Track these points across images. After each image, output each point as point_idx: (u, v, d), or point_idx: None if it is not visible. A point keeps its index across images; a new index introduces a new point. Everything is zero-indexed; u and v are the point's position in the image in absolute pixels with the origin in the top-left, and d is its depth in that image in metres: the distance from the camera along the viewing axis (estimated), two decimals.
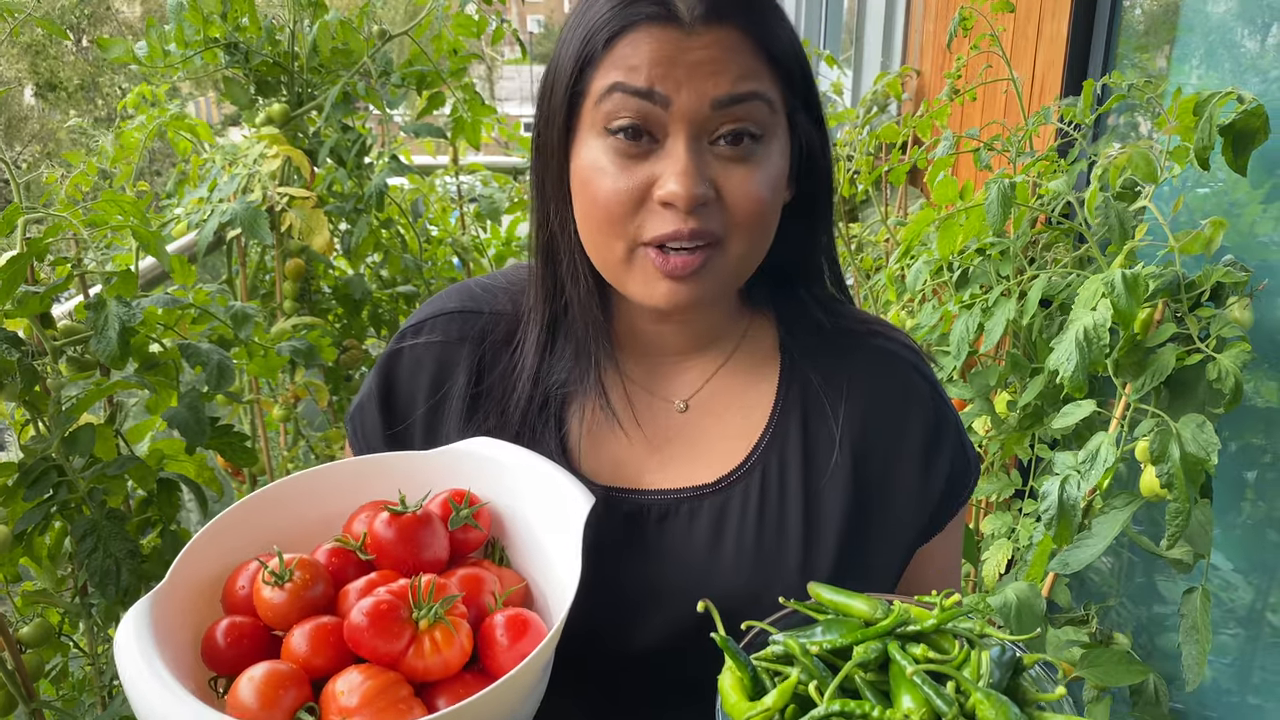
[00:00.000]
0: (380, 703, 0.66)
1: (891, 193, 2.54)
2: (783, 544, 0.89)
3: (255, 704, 0.66)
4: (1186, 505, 1.21)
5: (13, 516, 1.27)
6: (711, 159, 0.79)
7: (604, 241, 0.82)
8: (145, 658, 0.65)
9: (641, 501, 0.91)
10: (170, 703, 0.62)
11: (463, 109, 2.24)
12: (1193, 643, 1.33)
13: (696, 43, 0.77)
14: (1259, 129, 1.24)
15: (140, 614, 0.69)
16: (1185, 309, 1.32)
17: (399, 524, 0.78)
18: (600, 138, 0.80)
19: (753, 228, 0.82)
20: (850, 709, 0.66)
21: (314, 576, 0.74)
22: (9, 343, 1.20)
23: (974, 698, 0.67)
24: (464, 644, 0.72)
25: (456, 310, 0.97)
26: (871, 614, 0.74)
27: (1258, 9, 1.54)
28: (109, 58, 1.87)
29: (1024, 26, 2.05)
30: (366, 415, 0.97)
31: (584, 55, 0.80)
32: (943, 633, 0.72)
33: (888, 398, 0.94)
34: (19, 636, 1.30)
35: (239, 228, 1.56)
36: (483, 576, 0.79)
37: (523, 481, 0.85)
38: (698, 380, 0.95)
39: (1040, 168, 1.57)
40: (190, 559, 0.76)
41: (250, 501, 0.82)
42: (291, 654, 0.71)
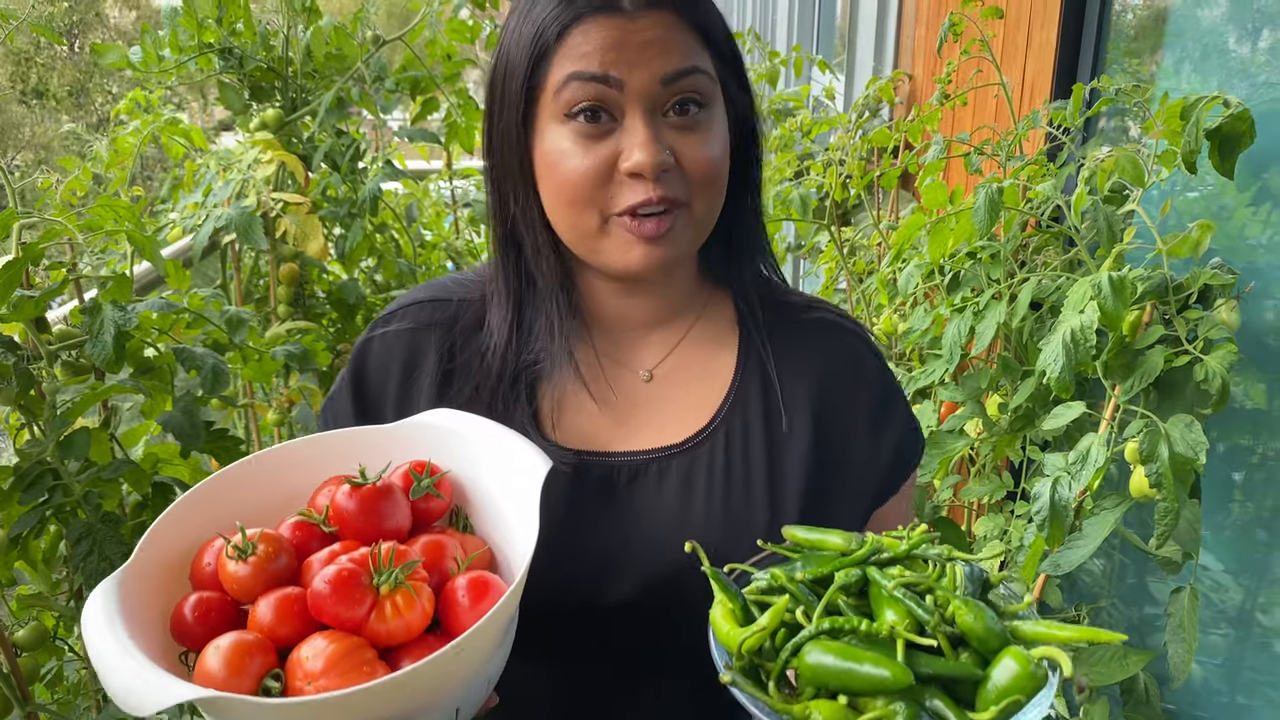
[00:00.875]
0: (344, 665, 0.68)
1: (883, 197, 2.56)
2: (749, 502, 0.94)
3: (222, 672, 0.68)
4: (1175, 504, 1.22)
5: (8, 520, 1.27)
6: (666, 129, 0.86)
7: (576, 217, 0.88)
8: (113, 632, 0.66)
9: (612, 463, 0.96)
10: (137, 673, 0.63)
11: (456, 114, 2.25)
12: (1179, 641, 1.34)
13: (640, 25, 0.84)
14: (1245, 133, 1.25)
15: (107, 591, 0.70)
16: (1173, 311, 1.33)
17: (360, 495, 0.80)
18: (561, 124, 0.86)
19: (709, 186, 0.89)
20: (839, 623, 0.70)
21: (277, 549, 0.76)
22: (5, 347, 1.20)
23: (953, 605, 0.71)
24: (425, 607, 0.74)
25: (426, 299, 1.02)
26: (847, 546, 0.79)
27: (1244, 15, 1.55)
28: (104, 64, 1.88)
29: (1013, 33, 2.07)
30: (338, 405, 1.01)
31: (536, 50, 0.86)
32: (913, 558, 0.77)
33: (840, 368, 1.02)
34: (14, 640, 1.30)
35: (234, 233, 1.57)
36: (444, 543, 0.81)
37: (481, 450, 0.88)
38: (661, 351, 1.01)
39: (1030, 171, 1.59)
40: (155, 538, 0.77)
41: (214, 481, 0.84)
42: (257, 624, 0.73)
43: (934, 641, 0.70)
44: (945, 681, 0.69)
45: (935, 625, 0.70)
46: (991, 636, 0.70)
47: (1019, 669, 0.67)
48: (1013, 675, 0.67)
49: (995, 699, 0.67)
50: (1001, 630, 0.71)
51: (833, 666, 0.68)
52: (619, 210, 0.86)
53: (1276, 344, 1.41)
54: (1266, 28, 1.50)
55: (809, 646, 0.69)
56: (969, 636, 0.71)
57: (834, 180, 2.17)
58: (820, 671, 0.68)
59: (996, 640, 0.70)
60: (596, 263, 0.92)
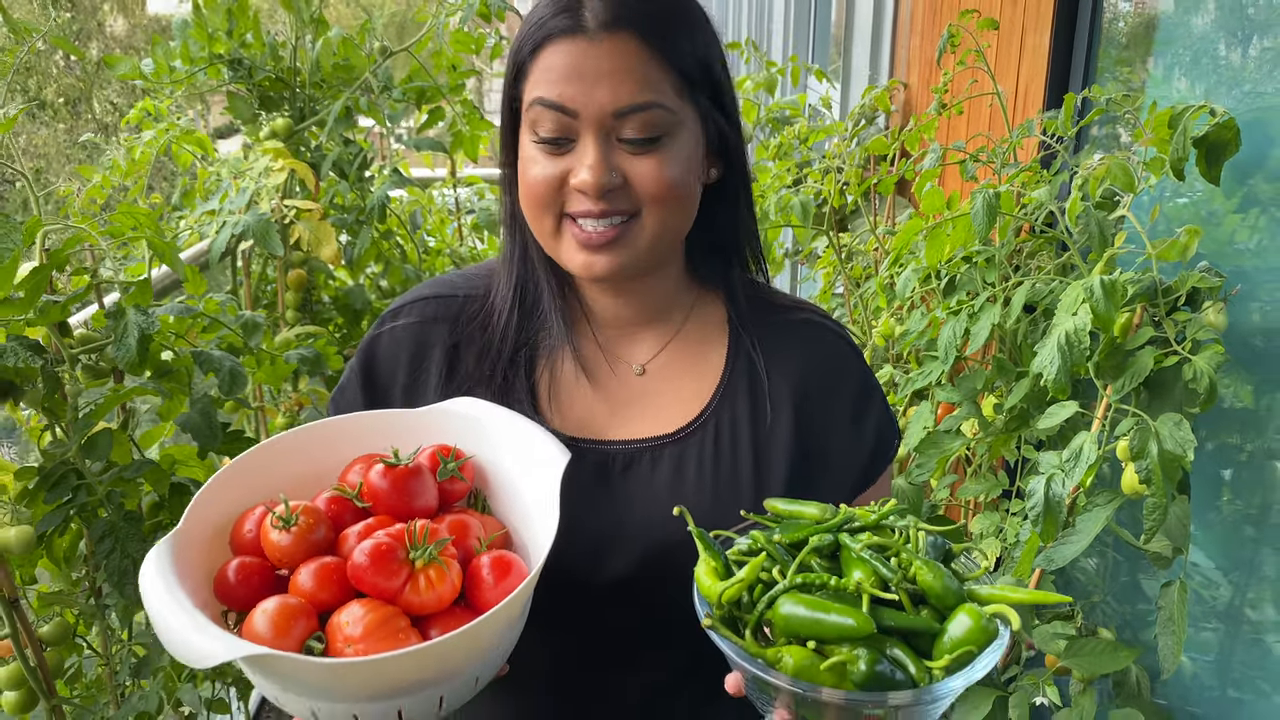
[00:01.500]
0: (381, 632, 0.74)
1: (880, 203, 2.60)
2: (736, 488, 1.01)
3: (269, 633, 0.73)
4: (1164, 500, 1.26)
5: (34, 519, 1.31)
6: (620, 151, 0.92)
7: (537, 218, 0.96)
8: (170, 592, 0.72)
9: (607, 451, 1.02)
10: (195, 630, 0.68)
11: (461, 123, 2.30)
12: (1169, 633, 1.38)
13: (600, 51, 0.90)
14: (1230, 141, 1.30)
15: (160, 554, 0.76)
16: (1162, 313, 1.37)
17: (393, 475, 0.86)
18: (529, 135, 0.94)
19: (664, 202, 0.94)
20: (810, 579, 0.77)
21: (316, 521, 0.82)
22: (32, 350, 1.24)
23: (915, 566, 0.78)
24: (454, 581, 0.80)
25: (433, 295, 1.08)
26: (822, 515, 0.86)
27: (1231, 24, 1.60)
28: (116, 75, 1.92)
29: (1007, 43, 2.11)
30: (348, 395, 1.07)
31: (515, 67, 0.95)
32: (882, 528, 0.84)
33: (822, 365, 1.08)
34: (39, 635, 1.33)
35: (251, 239, 1.61)
36: (469, 522, 0.87)
37: (504, 437, 0.94)
38: (653, 347, 1.08)
39: (1024, 178, 1.63)
40: (201, 505, 0.83)
41: (252, 455, 0.90)
42: (298, 589, 0.78)
43: (896, 596, 0.76)
44: (905, 634, 0.76)
45: (897, 582, 0.77)
46: (949, 594, 0.77)
47: (972, 623, 0.74)
48: (966, 629, 0.74)
49: (950, 649, 0.74)
50: (958, 589, 0.78)
51: (803, 616, 0.74)
52: (569, 213, 0.94)
53: (1262, 345, 1.45)
54: (1252, 37, 1.55)
55: (782, 599, 0.76)
56: (928, 594, 0.77)
57: (832, 187, 2.21)
58: (792, 621, 0.75)
59: (953, 598, 0.77)
60: (556, 260, 0.99)
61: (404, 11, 6.76)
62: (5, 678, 1.30)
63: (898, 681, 0.72)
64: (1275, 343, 1.43)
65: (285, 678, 0.73)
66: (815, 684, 0.72)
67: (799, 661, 0.73)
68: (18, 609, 1.26)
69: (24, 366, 1.22)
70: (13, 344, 1.23)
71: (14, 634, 1.25)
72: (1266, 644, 1.55)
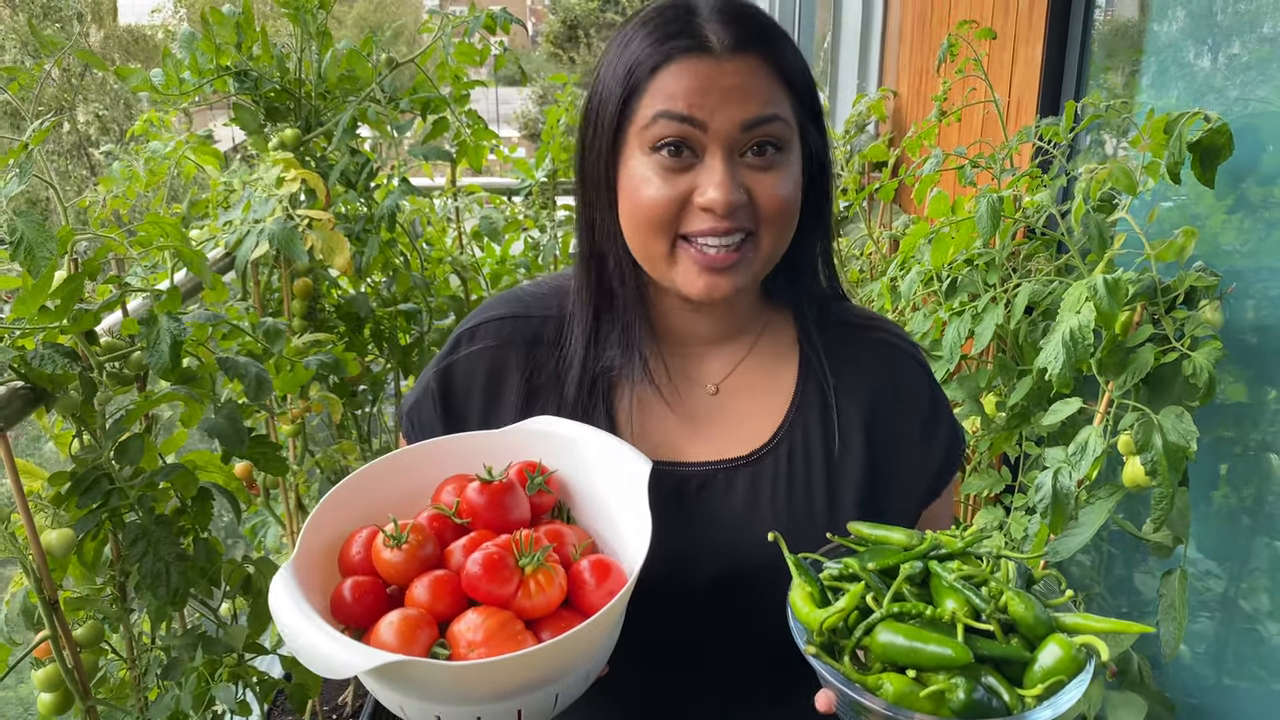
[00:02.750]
0: (501, 636, 0.79)
1: (874, 208, 2.66)
2: (810, 510, 1.02)
3: (397, 643, 0.77)
4: (1170, 490, 1.31)
5: (70, 522, 1.33)
6: (742, 168, 0.93)
7: (649, 239, 0.95)
8: (300, 610, 0.76)
9: (683, 473, 1.03)
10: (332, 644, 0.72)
11: (466, 133, 2.33)
12: (1170, 620, 1.43)
13: (726, 69, 0.91)
14: (1224, 145, 1.35)
15: (285, 576, 0.80)
16: (1161, 311, 1.43)
17: (489, 491, 0.91)
18: (645, 154, 0.93)
19: (779, 222, 0.95)
20: (906, 608, 0.79)
21: (425, 538, 0.87)
22: (68, 357, 1.26)
23: (1006, 595, 0.80)
24: (561, 584, 0.84)
25: (508, 316, 1.09)
26: (908, 541, 0.88)
27: (1215, 35, 1.66)
28: (130, 87, 1.94)
29: (1000, 52, 2.18)
30: (424, 413, 1.08)
31: (630, 84, 0.93)
32: (967, 555, 0.86)
33: (892, 382, 1.09)
34: (75, 638, 1.36)
35: (276, 247, 1.64)
36: (563, 531, 0.92)
37: (586, 451, 0.97)
38: (726, 366, 1.08)
39: (1025, 183, 1.69)
40: (313, 531, 0.88)
41: (348, 484, 0.93)
42: (415, 603, 0.83)
43: (989, 626, 0.79)
44: (997, 662, 0.79)
45: (990, 613, 0.79)
46: (1039, 624, 0.79)
47: (1063, 653, 0.76)
48: (1057, 659, 0.76)
49: (1041, 678, 0.76)
50: (1048, 619, 0.80)
51: (902, 645, 0.77)
52: (686, 233, 0.93)
53: (1256, 341, 1.51)
54: (1237, 46, 1.61)
55: (880, 627, 0.79)
56: (1019, 624, 0.80)
57: None
58: (890, 649, 0.78)
59: (1043, 628, 0.79)
60: (664, 284, 0.99)
61: (407, 24, 6.80)
62: (43, 679, 1.32)
63: (993, 709, 0.75)
64: (1268, 339, 1.49)
65: (414, 685, 0.77)
66: (913, 710, 0.75)
67: (899, 689, 0.76)
68: (57, 611, 1.28)
69: (61, 373, 1.25)
70: (49, 350, 1.26)
71: (54, 636, 1.27)
72: (1260, 633, 1.60)
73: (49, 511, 1.32)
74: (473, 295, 2.75)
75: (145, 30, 18.84)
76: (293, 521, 2.29)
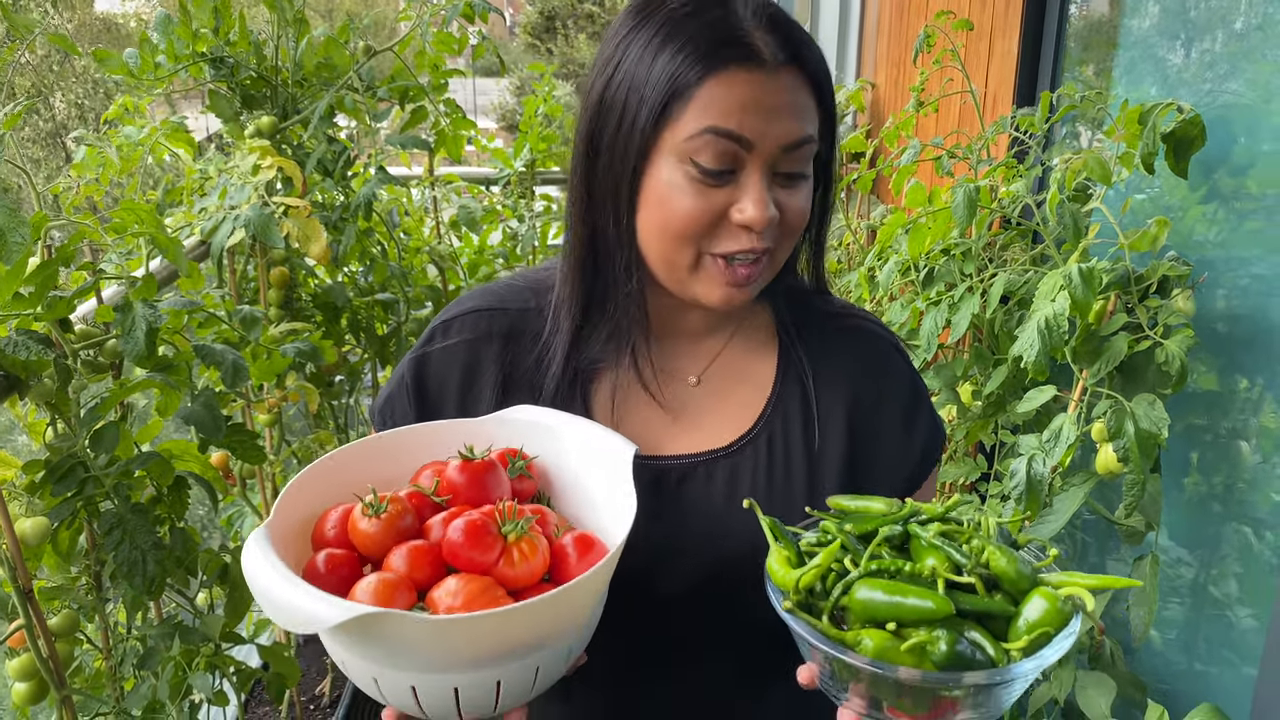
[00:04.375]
0: (482, 600, 0.76)
1: (852, 199, 2.67)
2: (790, 500, 1.01)
3: (373, 602, 0.75)
4: (1142, 477, 1.33)
5: (44, 511, 1.32)
6: (775, 183, 0.92)
7: (674, 249, 0.93)
8: (274, 568, 0.74)
9: (663, 465, 1.02)
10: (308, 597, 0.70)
11: (444, 122, 2.32)
12: (1141, 604, 1.45)
13: (777, 85, 0.88)
14: (1197, 136, 1.37)
15: (259, 538, 0.78)
16: (1135, 300, 1.45)
17: (470, 468, 0.89)
18: (682, 163, 0.90)
19: (795, 236, 0.96)
20: (885, 564, 0.78)
21: (404, 509, 0.85)
22: (43, 345, 1.25)
23: (988, 550, 0.78)
24: (545, 553, 0.83)
25: (484, 308, 1.07)
26: (888, 509, 0.87)
27: (1188, 29, 1.68)
28: (106, 70, 1.92)
29: (977, 44, 2.19)
30: (397, 408, 1.06)
31: (673, 88, 0.89)
32: (948, 520, 0.84)
33: (872, 371, 1.08)
34: (50, 627, 1.35)
35: (252, 234, 1.63)
36: (546, 511, 0.90)
37: (565, 438, 0.96)
38: (706, 358, 1.08)
39: (1001, 173, 1.70)
40: (286, 504, 0.86)
41: (320, 464, 0.92)
42: (392, 570, 0.81)
43: (970, 580, 0.77)
44: (980, 617, 0.77)
45: (971, 567, 0.78)
46: (1022, 579, 0.78)
47: (1048, 605, 0.75)
48: (1042, 611, 0.75)
49: (1026, 631, 0.74)
50: (1031, 574, 0.79)
51: (881, 600, 0.75)
52: (718, 252, 0.92)
53: (1227, 330, 1.53)
54: (1209, 40, 1.63)
55: (859, 584, 0.77)
56: (1001, 579, 0.78)
57: None
58: (870, 605, 0.76)
59: (1026, 582, 0.78)
60: (679, 291, 0.97)
61: (386, 12, 6.75)
62: (17, 669, 1.31)
63: (977, 662, 0.73)
64: (1238, 328, 1.51)
65: (391, 644, 0.74)
66: (895, 664, 0.73)
67: (879, 643, 0.74)
68: (31, 600, 1.27)
69: (35, 360, 1.23)
70: (23, 338, 1.25)
71: (28, 625, 1.26)
72: (1229, 618, 1.62)
73: (23, 500, 1.31)
74: (450, 285, 2.74)
75: (118, 19, 18.63)
76: (269, 512, 2.27)
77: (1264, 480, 1.50)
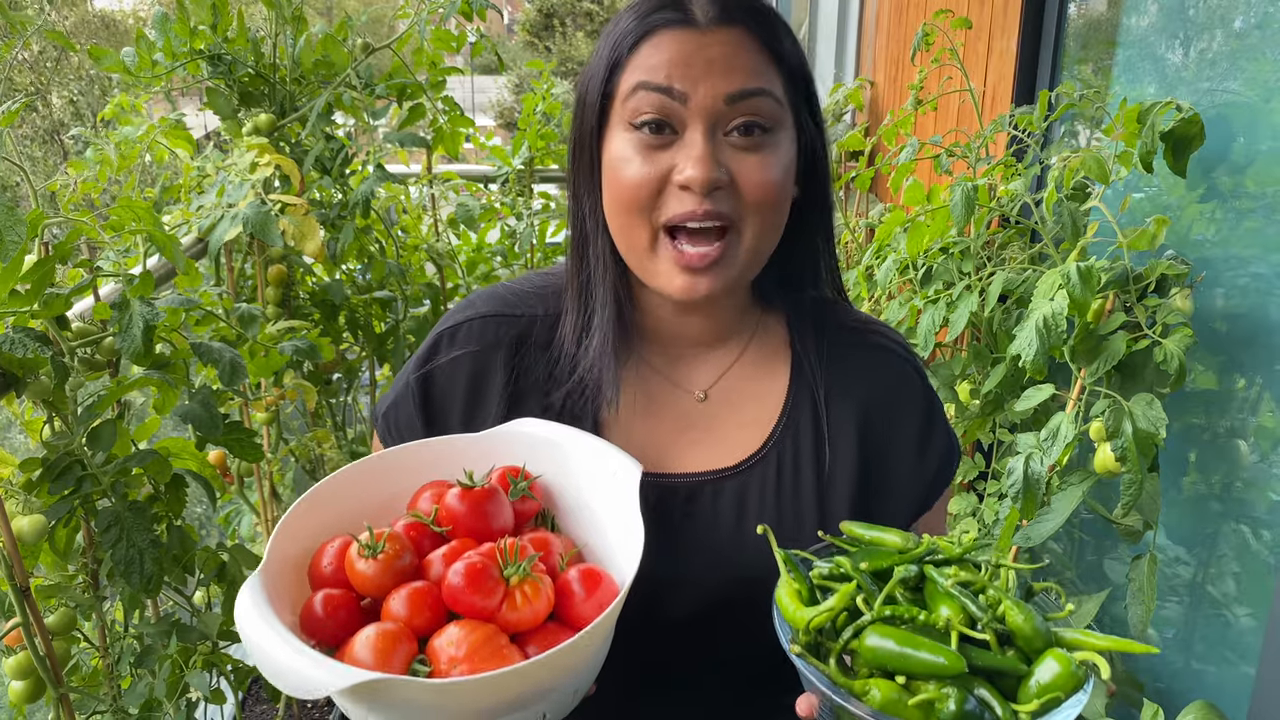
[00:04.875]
0: (485, 651, 0.73)
1: (850, 197, 2.67)
2: (799, 521, 0.98)
3: (373, 660, 0.73)
4: (1140, 476, 1.33)
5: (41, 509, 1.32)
6: (726, 148, 0.88)
7: (629, 226, 0.91)
8: (269, 624, 0.71)
9: (669, 484, 0.99)
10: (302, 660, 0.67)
11: (442, 119, 2.32)
12: (1139, 603, 1.45)
13: (710, 40, 0.87)
14: (1195, 135, 1.37)
15: (254, 587, 0.75)
16: (1133, 299, 1.44)
17: (470, 498, 0.86)
18: (627, 131, 0.90)
19: (764, 211, 0.90)
20: (899, 612, 0.76)
21: (402, 548, 0.82)
22: (40, 342, 1.25)
23: (1004, 605, 0.76)
24: (549, 595, 0.80)
25: (491, 315, 1.03)
26: (904, 544, 0.84)
27: (1187, 28, 1.68)
28: (101, 68, 1.92)
29: (976, 43, 2.19)
30: (402, 417, 1.03)
31: (612, 60, 0.91)
32: (964, 562, 0.82)
33: (887, 390, 1.04)
34: (47, 625, 1.34)
35: (249, 231, 1.62)
36: (549, 539, 0.86)
37: (571, 455, 0.93)
38: (716, 372, 1.04)
39: (999, 172, 1.70)
40: (282, 539, 0.83)
41: (321, 488, 0.88)
42: (392, 616, 0.78)
43: (985, 636, 0.75)
44: (991, 674, 0.75)
45: (987, 622, 0.75)
46: (1037, 637, 0.75)
47: (1061, 669, 0.72)
48: (1055, 674, 0.72)
49: (1038, 694, 0.72)
50: (1046, 632, 0.76)
51: (892, 650, 0.73)
52: (665, 220, 0.89)
53: (1225, 329, 1.53)
54: (1209, 39, 1.63)
55: (869, 630, 0.75)
56: (1016, 635, 0.76)
57: None
58: (880, 653, 0.74)
59: (1041, 641, 0.75)
60: (647, 280, 0.94)
61: (384, 9, 6.74)
62: (13, 667, 1.30)
63: None
64: (1237, 327, 1.51)
65: (392, 705, 0.72)
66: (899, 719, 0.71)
67: (886, 695, 0.72)
68: (28, 598, 1.27)
69: (32, 357, 1.23)
70: (20, 335, 1.24)
71: (25, 623, 1.26)
72: (1226, 617, 1.62)
73: (20, 498, 1.30)
74: (448, 283, 2.74)
75: (116, 16, 18.61)
76: (267, 509, 2.27)
77: (1262, 479, 1.50)
